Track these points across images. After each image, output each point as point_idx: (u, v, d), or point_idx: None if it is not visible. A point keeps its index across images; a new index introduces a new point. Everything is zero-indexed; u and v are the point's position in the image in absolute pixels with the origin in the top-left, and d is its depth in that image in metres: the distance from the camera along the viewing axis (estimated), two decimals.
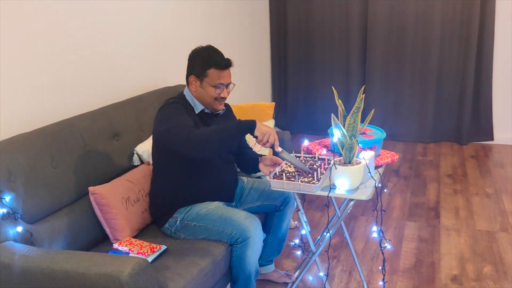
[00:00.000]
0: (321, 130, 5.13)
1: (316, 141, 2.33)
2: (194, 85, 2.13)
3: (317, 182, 1.85)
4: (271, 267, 2.53)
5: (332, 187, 1.86)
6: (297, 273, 2.55)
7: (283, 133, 3.02)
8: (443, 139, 4.80)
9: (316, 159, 2.14)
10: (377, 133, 2.20)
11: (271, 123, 2.89)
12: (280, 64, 5.21)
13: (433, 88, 4.67)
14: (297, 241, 2.73)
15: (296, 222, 2.92)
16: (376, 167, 2.07)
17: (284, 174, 1.95)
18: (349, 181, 1.83)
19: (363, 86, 1.94)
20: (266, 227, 2.42)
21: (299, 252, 2.75)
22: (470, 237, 2.91)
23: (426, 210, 3.30)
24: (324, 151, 2.20)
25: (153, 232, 2.21)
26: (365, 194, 1.82)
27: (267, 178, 1.95)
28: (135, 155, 2.45)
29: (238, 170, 2.41)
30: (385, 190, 2.86)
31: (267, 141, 1.90)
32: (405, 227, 3.07)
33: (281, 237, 2.45)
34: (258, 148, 2.50)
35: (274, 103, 3.03)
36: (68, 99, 2.34)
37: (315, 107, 5.15)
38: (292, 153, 2.19)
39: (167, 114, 2.02)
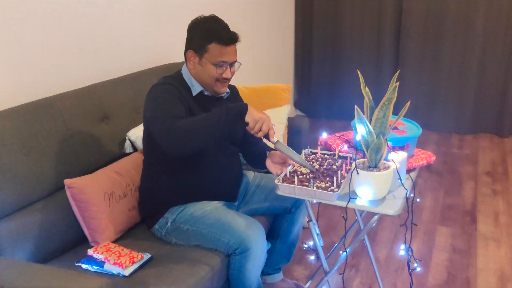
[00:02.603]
0: (346, 116, 4.68)
1: (336, 134, 1.97)
2: (192, 62, 1.78)
3: (336, 190, 1.50)
4: (279, 275, 2.20)
5: (352, 195, 1.50)
6: (308, 284, 2.22)
7: (300, 120, 2.65)
8: (481, 131, 4.34)
9: (336, 157, 1.78)
10: (411, 128, 1.82)
11: (286, 108, 2.52)
12: (304, 42, 4.78)
13: (474, 73, 4.19)
14: (311, 243, 2.39)
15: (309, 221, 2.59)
16: (408, 171, 1.70)
17: (296, 176, 1.60)
18: (374, 190, 1.47)
19: (397, 72, 1.56)
20: (274, 231, 2.09)
21: (312, 257, 2.42)
22: None
23: (461, 214, 2.91)
24: (346, 147, 1.83)
25: (141, 233, 1.91)
26: (393, 207, 1.46)
27: (275, 181, 1.61)
28: (127, 141, 2.13)
29: (245, 163, 2.07)
30: (417, 200, 2.47)
31: (260, 130, 1.57)
32: (436, 233, 2.69)
33: (291, 243, 2.12)
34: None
35: (290, 85, 2.65)
36: (50, 75, 2.02)
37: (340, 91, 4.73)
38: (307, 148, 1.83)
39: (155, 98, 1.69)
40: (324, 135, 1.93)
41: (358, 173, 1.46)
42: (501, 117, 4.22)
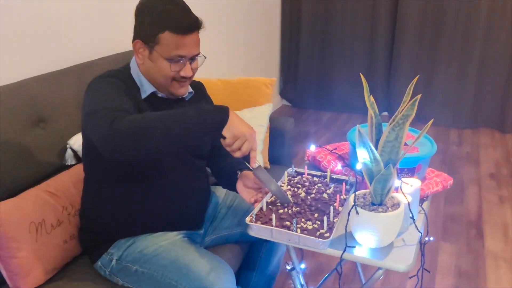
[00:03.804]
0: (335, 107, 4.37)
1: (327, 147, 1.58)
2: (141, 55, 1.37)
3: (327, 234, 1.12)
4: None
5: (348, 241, 1.12)
6: None
7: (285, 120, 2.25)
8: (481, 125, 4.00)
9: (328, 180, 1.39)
10: (423, 143, 1.43)
11: (267, 108, 2.12)
12: (292, 28, 4.36)
13: (474, 64, 3.82)
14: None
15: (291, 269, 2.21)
16: (420, 201, 1.32)
17: (273, 212, 1.21)
18: (379, 235, 1.09)
19: (416, 77, 1.16)
20: (250, 262, 1.73)
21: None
22: None
23: (466, 226, 2.56)
24: (339, 165, 1.45)
25: (80, 270, 1.51)
26: (404, 261, 1.09)
27: (246, 219, 1.22)
28: (69, 151, 1.73)
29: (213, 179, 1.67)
30: (431, 239, 2.05)
31: (238, 149, 1.18)
32: (439, 251, 2.34)
33: (271, 276, 1.76)
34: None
35: (275, 79, 2.25)
36: None
37: (329, 80, 4.34)
38: (291, 167, 1.44)
39: (95, 91, 1.27)
40: (313, 148, 1.54)
41: (357, 213, 1.07)
42: (503, 111, 3.88)
